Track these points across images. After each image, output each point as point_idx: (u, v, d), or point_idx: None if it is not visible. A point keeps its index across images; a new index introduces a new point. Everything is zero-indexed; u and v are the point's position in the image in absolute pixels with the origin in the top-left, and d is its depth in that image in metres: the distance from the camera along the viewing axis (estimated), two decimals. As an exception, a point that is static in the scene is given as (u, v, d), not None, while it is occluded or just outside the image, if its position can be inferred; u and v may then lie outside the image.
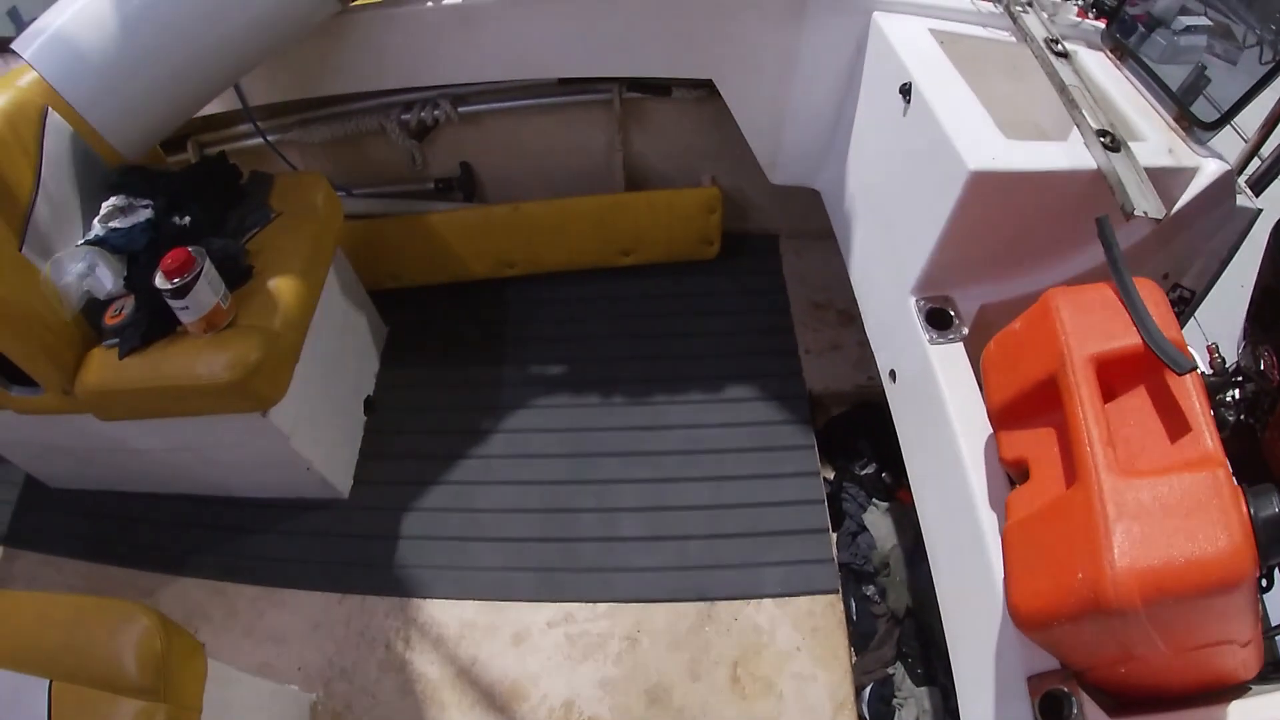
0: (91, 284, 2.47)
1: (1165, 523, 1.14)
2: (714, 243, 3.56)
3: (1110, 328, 1.36)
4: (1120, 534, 1.15)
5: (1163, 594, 1.11)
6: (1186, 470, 1.19)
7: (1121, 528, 1.15)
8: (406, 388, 3.39)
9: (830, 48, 2.51)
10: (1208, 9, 2.08)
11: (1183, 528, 1.13)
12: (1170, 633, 1.16)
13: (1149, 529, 1.14)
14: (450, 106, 3.26)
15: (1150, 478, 1.19)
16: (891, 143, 2.24)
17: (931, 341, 1.91)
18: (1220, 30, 2.10)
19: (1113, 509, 1.17)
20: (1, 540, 3.19)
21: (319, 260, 2.75)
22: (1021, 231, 1.91)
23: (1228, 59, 2.03)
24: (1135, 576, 1.11)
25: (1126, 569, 1.12)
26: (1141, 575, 1.11)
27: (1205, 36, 2.11)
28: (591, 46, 2.68)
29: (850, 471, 2.97)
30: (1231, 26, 2.11)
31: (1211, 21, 2.10)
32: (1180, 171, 1.87)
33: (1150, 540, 1.14)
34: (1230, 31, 2.10)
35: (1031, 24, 2.18)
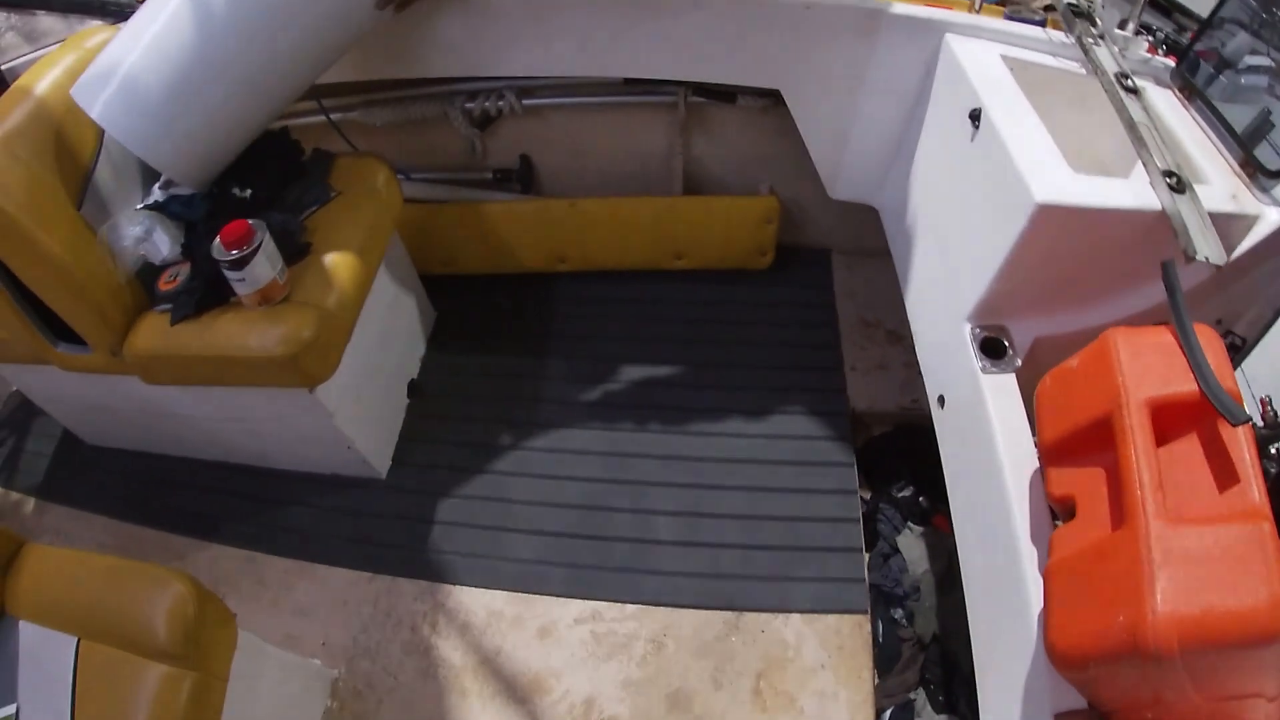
0: (148, 248, 2.50)
1: (1208, 572, 1.14)
2: (768, 253, 3.55)
3: (1168, 373, 1.36)
4: (1164, 580, 1.15)
5: (1201, 643, 1.11)
6: (1233, 521, 1.19)
7: (1166, 574, 1.15)
8: (451, 374, 3.40)
9: (900, 67, 2.49)
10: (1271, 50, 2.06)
11: (1225, 578, 1.13)
12: (1203, 681, 1.16)
13: (1192, 577, 1.14)
14: (515, 98, 3.26)
15: (1197, 526, 1.19)
16: (957, 167, 2.23)
17: (984, 370, 1.90)
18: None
19: (1159, 554, 1.17)
20: (34, 492, 3.24)
21: (376, 242, 2.76)
22: (1081, 266, 1.90)
23: (1291, 100, 2.02)
24: (1175, 623, 1.11)
25: (1168, 615, 1.12)
26: (1182, 622, 1.11)
27: (1267, 78, 2.09)
28: (661, 49, 2.67)
29: (887, 493, 2.95)
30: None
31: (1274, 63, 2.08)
32: (1242, 218, 1.84)
33: (1193, 588, 1.14)
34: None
35: (1103, 57, 2.16)
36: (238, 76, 2.35)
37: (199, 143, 2.43)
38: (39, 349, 2.66)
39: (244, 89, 2.39)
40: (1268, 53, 2.04)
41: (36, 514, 3.17)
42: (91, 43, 2.51)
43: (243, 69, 2.34)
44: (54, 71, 2.44)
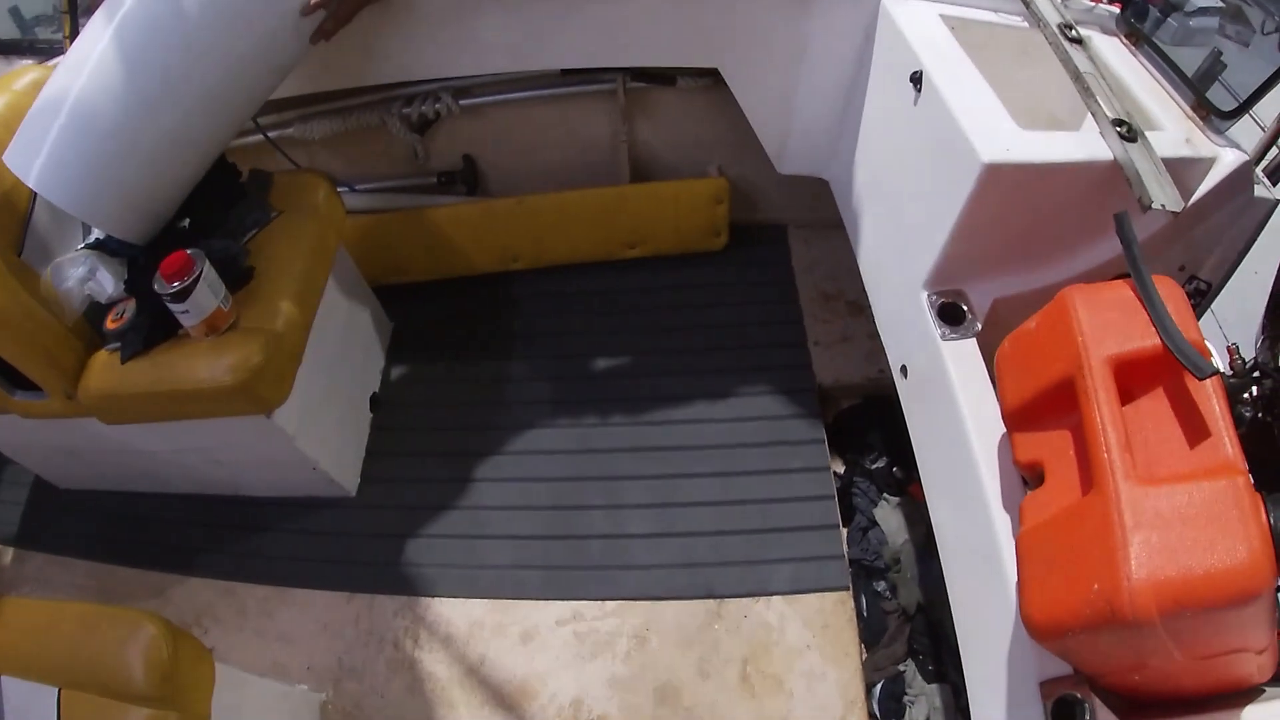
0: (93, 288, 2.47)
1: (1183, 533, 1.11)
2: (721, 234, 3.53)
3: (1128, 328, 1.33)
4: (1138, 544, 1.12)
5: (1180, 606, 1.08)
6: (1206, 478, 1.16)
7: (1139, 538, 1.12)
8: (412, 384, 3.38)
9: (838, 35, 2.46)
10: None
11: (1201, 538, 1.10)
12: (1187, 643, 1.13)
13: (1167, 539, 1.12)
14: (451, 99, 3.23)
15: (1168, 485, 1.17)
16: (902, 133, 2.20)
17: (944, 337, 1.88)
18: (1232, 11, 2.07)
19: (1130, 518, 1.14)
20: (11, 541, 3.20)
21: (321, 259, 2.73)
22: (1036, 224, 1.88)
23: (1240, 41, 2.00)
24: (1152, 588, 1.08)
25: (1144, 581, 1.09)
26: (1159, 587, 1.08)
27: (1218, 18, 2.07)
28: (594, 36, 2.63)
29: (860, 466, 2.95)
30: (1244, 9, 2.07)
31: (1224, 3, 2.07)
32: (1198, 162, 1.84)
33: (1168, 551, 1.11)
34: (1242, 14, 2.06)
35: (1044, 8, 2.13)
36: (171, 126, 2.30)
37: (140, 198, 2.39)
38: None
39: (179, 138, 2.35)
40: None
41: (16, 563, 3.13)
42: (20, 84, 2.46)
43: (176, 118, 2.29)
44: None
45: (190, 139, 2.39)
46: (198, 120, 2.35)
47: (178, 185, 2.48)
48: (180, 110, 2.28)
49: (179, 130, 2.32)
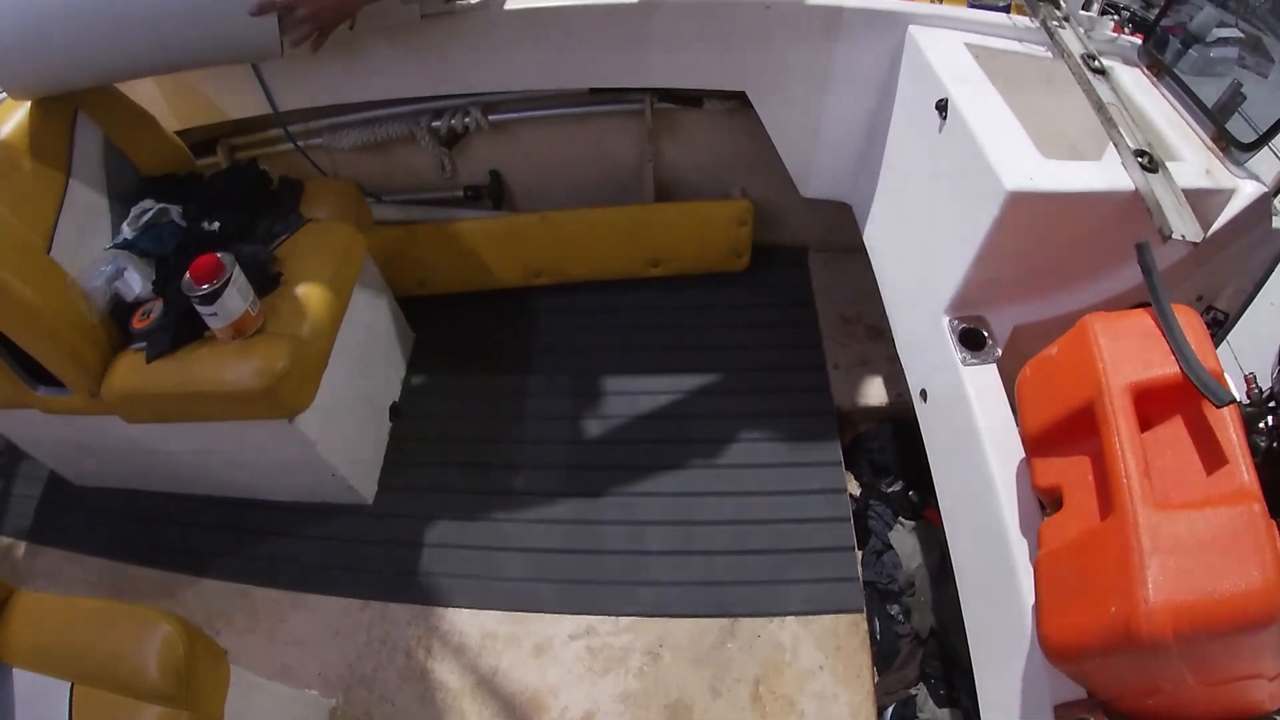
0: (120, 287, 2.49)
1: (1200, 558, 1.13)
2: (743, 255, 3.54)
3: (1148, 356, 1.34)
4: (1155, 568, 1.13)
5: (1196, 630, 1.09)
6: (1222, 504, 1.17)
7: (1156, 562, 1.13)
8: (433, 395, 3.38)
9: (865, 61, 2.49)
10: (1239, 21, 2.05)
11: (1217, 563, 1.12)
12: (1201, 667, 1.15)
13: (1183, 564, 1.13)
14: (481, 114, 3.25)
15: (1185, 511, 1.18)
16: (926, 159, 2.22)
17: (964, 363, 1.89)
18: (1252, 43, 2.07)
19: (1148, 543, 1.15)
20: (25, 536, 3.21)
21: (348, 267, 2.74)
22: (1057, 251, 1.88)
23: (1259, 72, 2.01)
24: (1169, 612, 1.10)
25: (1160, 605, 1.10)
26: (1175, 611, 1.10)
27: (1237, 49, 2.08)
28: (624, 57, 2.66)
29: (877, 489, 2.94)
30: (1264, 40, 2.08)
31: (1243, 34, 2.08)
32: (1217, 193, 1.84)
33: (1184, 575, 1.12)
34: (1262, 45, 2.07)
35: (1068, 39, 2.15)
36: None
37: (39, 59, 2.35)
38: (18, 394, 2.64)
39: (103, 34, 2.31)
40: (1235, 24, 2.04)
41: (28, 558, 3.14)
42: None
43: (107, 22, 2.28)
44: (16, 114, 2.41)
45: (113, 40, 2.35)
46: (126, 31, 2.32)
47: (76, 62, 2.42)
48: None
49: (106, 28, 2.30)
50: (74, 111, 2.51)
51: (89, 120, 2.56)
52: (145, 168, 2.77)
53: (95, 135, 2.59)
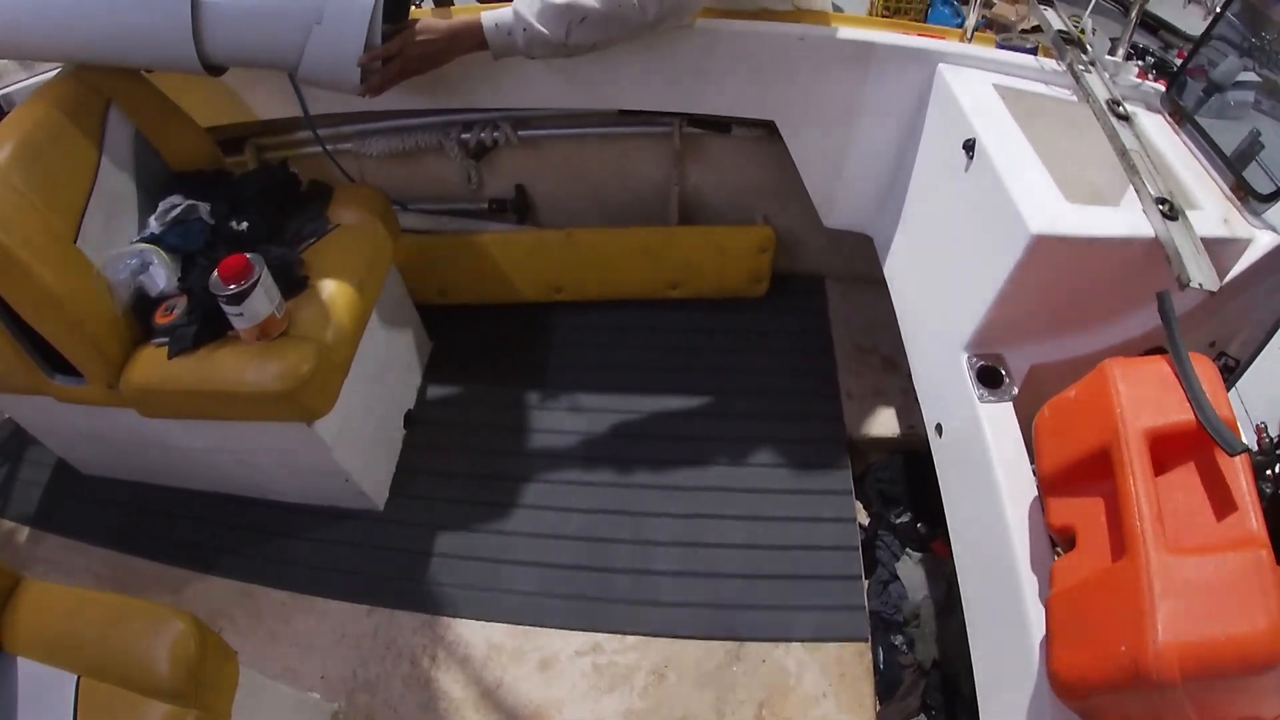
0: (144, 281, 2.50)
1: (1208, 601, 1.16)
2: (763, 281, 3.56)
3: (1165, 403, 1.37)
4: (1165, 610, 1.16)
5: (1202, 671, 1.13)
6: (1231, 550, 1.20)
7: (1166, 604, 1.17)
8: (447, 404, 3.40)
9: (894, 97, 2.51)
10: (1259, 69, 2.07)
11: (1225, 606, 1.15)
12: (1204, 707, 1.18)
13: (1192, 606, 1.16)
14: (511, 129, 3.27)
15: (1196, 555, 1.21)
16: (951, 196, 2.24)
17: (982, 400, 1.91)
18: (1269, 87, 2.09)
19: (1159, 585, 1.18)
20: (29, 522, 3.21)
21: (374, 275, 2.76)
22: (1076, 294, 1.91)
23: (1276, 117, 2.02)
24: (1177, 653, 1.13)
25: (1169, 645, 1.14)
26: (1183, 651, 1.13)
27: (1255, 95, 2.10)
28: (657, 81, 2.68)
29: (885, 519, 2.96)
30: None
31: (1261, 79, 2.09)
32: (1234, 242, 1.86)
33: (1193, 618, 1.15)
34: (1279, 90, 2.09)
35: (1094, 84, 2.17)
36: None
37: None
38: (34, 381, 2.65)
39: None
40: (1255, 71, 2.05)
41: (30, 543, 3.14)
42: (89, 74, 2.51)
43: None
44: (51, 100, 2.43)
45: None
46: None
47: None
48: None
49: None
50: (107, 102, 2.53)
51: (121, 112, 2.58)
52: (175, 162, 2.79)
53: (126, 127, 2.61)
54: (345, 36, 2.31)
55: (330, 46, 2.32)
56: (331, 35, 2.31)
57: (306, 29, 2.30)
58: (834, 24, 2.51)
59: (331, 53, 2.34)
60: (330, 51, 2.34)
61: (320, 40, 2.31)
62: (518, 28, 2.30)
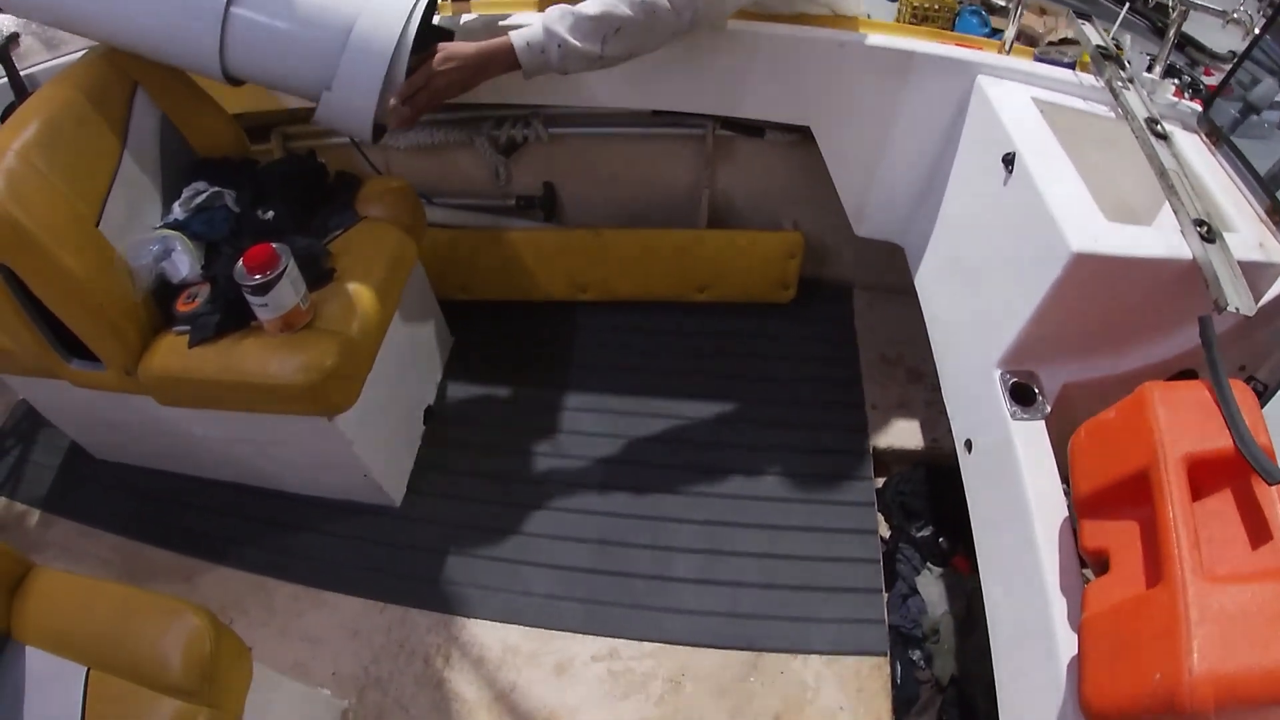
0: (167, 268, 2.49)
1: (1243, 631, 1.15)
2: (790, 287, 3.55)
3: (1204, 429, 1.36)
4: (1201, 639, 1.15)
5: (1235, 701, 1.11)
6: (1266, 580, 1.19)
7: (1203, 633, 1.15)
8: (468, 401, 3.38)
9: (932, 106, 2.49)
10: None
11: (1260, 637, 1.14)
12: (1232, 736, 1.16)
13: (1227, 635, 1.15)
14: (541, 126, 3.26)
15: (1232, 584, 1.19)
16: (988, 210, 2.22)
17: (1014, 417, 1.89)
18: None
19: (1195, 613, 1.17)
20: (40, 505, 3.21)
21: (400, 269, 2.75)
22: (1111, 314, 1.89)
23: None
24: (1212, 683, 1.12)
25: (1204, 675, 1.12)
26: (1218, 681, 1.12)
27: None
28: (692, 83, 2.66)
29: (907, 532, 2.93)
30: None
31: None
32: (1269, 267, 1.84)
33: (1228, 647, 1.14)
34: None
35: (1133, 102, 2.15)
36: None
37: None
38: (51, 364, 2.64)
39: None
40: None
41: (41, 527, 3.14)
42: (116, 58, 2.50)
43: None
44: (76, 82, 2.42)
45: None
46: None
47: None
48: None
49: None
50: (133, 85, 2.52)
51: (148, 96, 2.57)
52: (201, 148, 2.77)
53: (153, 112, 2.60)
54: (358, 93, 2.31)
55: (343, 102, 2.33)
56: (344, 92, 2.31)
57: (327, 75, 2.30)
58: (868, 30, 2.49)
59: (344, 106, 2.34)
60: (343, 105, 2.34)
61: (335, 96, 2.31)
62: (551, 44, 2.26)
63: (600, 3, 2.22)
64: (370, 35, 2.25)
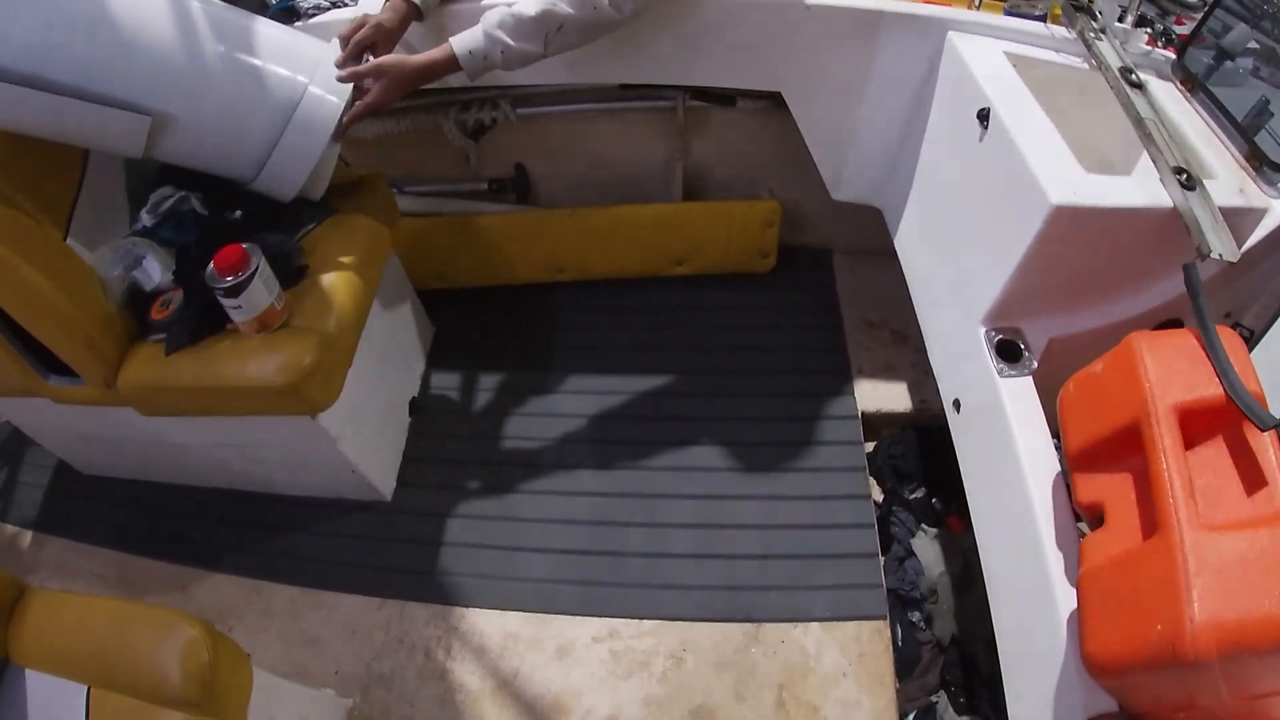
0: (138, 276, 2.47)
1: (1242, 578, 1.14)
2: (770, 256, 3.54)
3: (1193, 377, 1.35)
4: (1200, 588, 1.14)
5: (1238, 648, 1.10)
6: (1262, 526, 1.18)
7: (1202, 582, 1.15)
8: (452, 390, 3.37)
9: (903, 65, 2.47)
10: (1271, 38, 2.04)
11: (1259, 584, 1.13)
12: (1237, 684, 1.15)
13: (1227, 584, 1.14)
14: (509, 107, 3.24)
15: (1229, 532, 1.19)
16: (965, 167, 2.20)
17: (1001, 374, 1.88)
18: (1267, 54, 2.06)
19: (1194, 563, 1.16)
20: (31, 525, 3.20)
21: (374, 260, 2.73)
22: (1094, 266, 1.88)
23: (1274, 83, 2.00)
24: (1213, 630, 1.11)
25: (1205, 623, 1.12)
26: (1219, 630, 1.11)
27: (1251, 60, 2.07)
28: (659, 54, 2.64)
29: (899, 495, 2.94)
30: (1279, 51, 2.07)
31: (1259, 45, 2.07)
32: (1250, 212, 1.83)
33: (1228, 595, 1.13)
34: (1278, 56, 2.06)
35: (1106, 52, 2.14)
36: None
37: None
38: (29, 382, 2.62)
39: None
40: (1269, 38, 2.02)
41: (34, 547, 3.13)
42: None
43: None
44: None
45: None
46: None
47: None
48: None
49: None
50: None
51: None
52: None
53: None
54: (289, 172, 2.43)
55: (274, 178, 2.43)
56: (276, 172, 2.41)
57: (263, 155, 2.37)
58: (838, -10, 2.47)
59: (275, 180, 2.44)
60: (274, 180, 2.44)
61: (271, 171, 2.40)
62: (494, 50, 2.27)
63: (539, 1, 2.22)
64: (309, 122, 2.36)
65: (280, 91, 2.33)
